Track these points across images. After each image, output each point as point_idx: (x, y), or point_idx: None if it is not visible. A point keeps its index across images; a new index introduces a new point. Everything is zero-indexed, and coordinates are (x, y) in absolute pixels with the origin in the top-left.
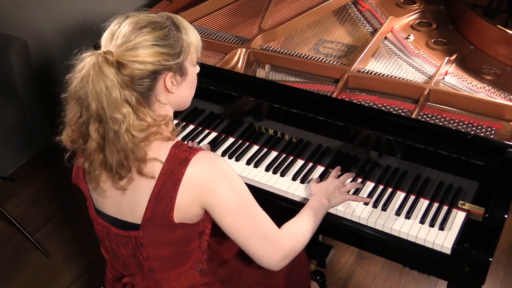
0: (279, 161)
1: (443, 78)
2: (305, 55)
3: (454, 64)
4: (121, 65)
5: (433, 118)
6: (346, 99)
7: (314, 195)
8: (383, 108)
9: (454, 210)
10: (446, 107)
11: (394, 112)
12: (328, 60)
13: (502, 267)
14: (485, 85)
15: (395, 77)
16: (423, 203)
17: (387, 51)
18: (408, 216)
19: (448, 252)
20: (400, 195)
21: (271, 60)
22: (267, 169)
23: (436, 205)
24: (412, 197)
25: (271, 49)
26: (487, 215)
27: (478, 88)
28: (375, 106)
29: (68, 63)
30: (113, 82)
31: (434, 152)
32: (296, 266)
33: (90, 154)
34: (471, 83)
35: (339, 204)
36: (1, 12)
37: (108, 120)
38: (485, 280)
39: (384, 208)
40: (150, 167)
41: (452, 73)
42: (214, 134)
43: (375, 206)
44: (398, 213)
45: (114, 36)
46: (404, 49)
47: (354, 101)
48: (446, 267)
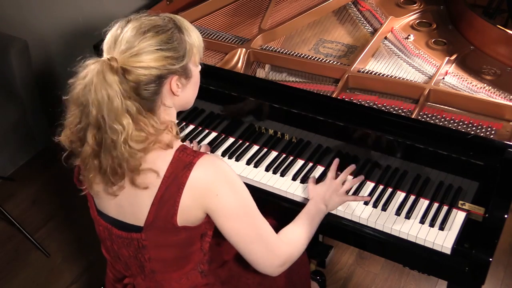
0: (279, 161)
1: (443, 78)
2: (305, 55)
3: (454, 64)
4: (126, 71)
5: (433, 118)
6: (346, 99)
7: (312, 200)
8: (383, 108)
9: (454, 210)
10: (446, 107)
11: (394, 112)
12: (328, 60)
13: (502, 267)
14: (485, 85)
15: (395, 77)
16: (423, 203)
17: (387, 51)
18: (408, 216)
19: (448, 252)
20: (400, 195)
21: (271, 60)
22: (267, 169)
23: (436, 205)
24: (412, 197)
25: (271, 49)
26: (487, 215)
27: (478, 88)
28: (375, 106)
29: (72, 70)
30: (116, 92)
31: (434, 152)
32: (296, 266)
33: (85, 158)
34: (471, 83)
35: (338, 207)
36: (1, 12)
37: (107, 129)
38: (485, 280)
39: (384, 208)
40: (144, 178)
41: (452, 73)
42: (214, 134)
43: (375, 206)
44: (398, 213)
45: (117, 42)
46: (404, 49)
47: (354, 101)
48: (446, 267)
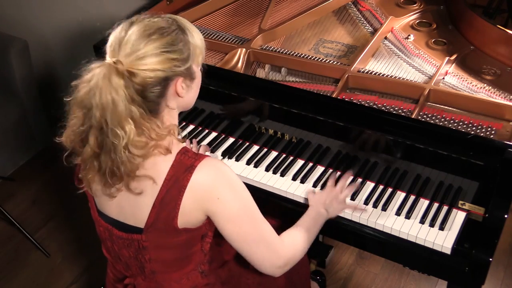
0: (279, 161)
1: (443, 78)
2: (305, 55)
3: (454, 64)
4: (132, 75)
5: (433, 118)
6: (346, 99)
7: (312, 205)
8: (383, 108)
9: (454, 210)
10: (446, 107)
11: (394, 112)
12: (328, 60)
13: (502, 267)
14: (485, 85)
15: (395, 77)
16: (423, 203)
17: (387, 51)
18: (408, 216)
19: (448, 252)
20: (400, 195)
21: (271, 60)
22: (267, 169)
23: (436, 205)
24: (412, 197)
25: (271, 49)
26: (487, 215)
27: (478, 88)
28: (375, 106)
29: (75, 72)
30: (121, 96)
31: (434, 152)
32: (296, 266)
33: (86, 159)
34: (471, 83)
35: (338, 214)
36: (1, 12)
37: (109, 133)
38: (485, 280)
39: (384, 208)
40: (138, 184)
41: (452, 73)
42: (214, 134)
43: (375, 206)
44: (398, 213)
45: (122, 44)
46: (404, 49)
47: (354, 101)
48: (446, 267)
